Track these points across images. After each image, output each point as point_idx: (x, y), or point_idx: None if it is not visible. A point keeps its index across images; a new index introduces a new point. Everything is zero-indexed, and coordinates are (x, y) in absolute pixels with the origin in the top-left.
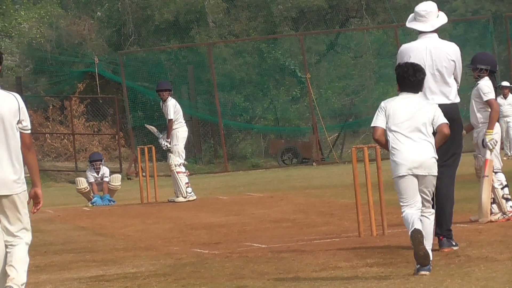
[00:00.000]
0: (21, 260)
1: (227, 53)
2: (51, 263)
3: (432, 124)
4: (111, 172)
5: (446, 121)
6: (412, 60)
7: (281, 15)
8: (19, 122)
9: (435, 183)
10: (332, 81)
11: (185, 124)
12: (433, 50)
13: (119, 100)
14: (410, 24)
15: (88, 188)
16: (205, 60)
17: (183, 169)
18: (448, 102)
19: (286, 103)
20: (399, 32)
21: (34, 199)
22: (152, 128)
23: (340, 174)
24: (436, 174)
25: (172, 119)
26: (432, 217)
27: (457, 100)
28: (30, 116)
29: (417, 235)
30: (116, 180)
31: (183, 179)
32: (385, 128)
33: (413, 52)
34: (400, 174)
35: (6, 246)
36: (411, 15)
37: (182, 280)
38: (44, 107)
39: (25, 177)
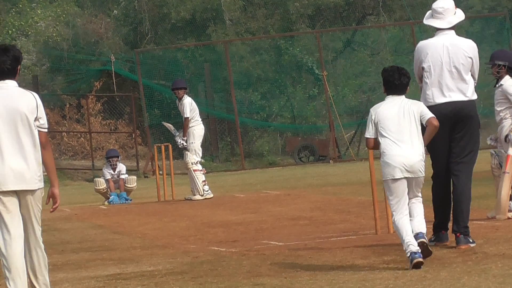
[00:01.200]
0: (43, 266)
1: (244, 50)
2: (68, 261)
3: (421, 120)
4: (128, 171)
5: (433, 115)
6: (429, 57)
7: (298, 13)
8: (36, 119)
9: (423, 181)
10: (349, 79)
11: (201, 122)
12: (450, 47)
13: (136, 98)
14: (427, 21)
15: (106, 189)
16: (221, 58)
17: (199, 167)
18: (465, 99)
19: (303, 101)
20: (415, 29)
21: (52, 199)
22: (169, 126)
23: (357, 171)
24: (423, 175)
25: (188, 117)
26: (421, 201)
27: (474, 97)
28: (46, 114)
29: (418, 266)
30: (132, 182)
31: (199, 177)
32: (375, 136)
33: (430, 49)
34: (393, 178)
35: (26, 243)
36: (428, 12)
37: (199, 278)
38: (61, 105)
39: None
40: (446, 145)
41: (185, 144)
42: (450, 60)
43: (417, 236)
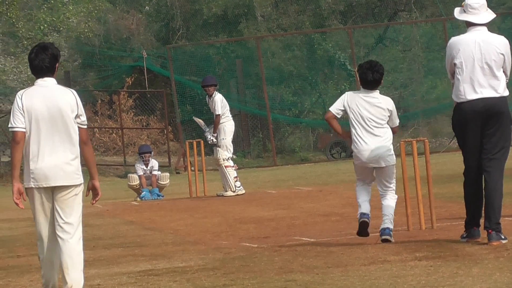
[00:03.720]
0: (76, 261)
1: (276, 46)
2: (99, 257)
3: (388, 120)
4: (160, 167)
5: (398, 123)
6: (461, 53)
7: (330, 9)
8: (77, 116)
9: (394, 171)
10: None
11: (231, 118)
12: (482, 43)
13: (168, 94)
14: (461, 16)
15: (140, 185)
16: (253, 54)
17: (231, 163)
18: (496, 95)
19: (334, 97)
20: (447, 25)
21: (92, 191)
22: (200, 121)
23: None
24: (394, 163)
25: (219, 114)
26: (395, 197)
27: (506, 93)
28: None
29: (364, 225)
30: (165, 179)
31: (231, 173)
32: (337, 116)
33: (462, 45)
34: (361, 165)
35: (58, 236)
36: (458, 8)
37: (231, 274)
38: (93, 101)
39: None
40: (477, 142)
41: (215, 140)
42: (482, 57)
43: (384, 231)
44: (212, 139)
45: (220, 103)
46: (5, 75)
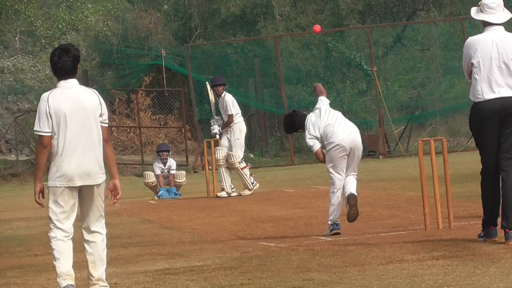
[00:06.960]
0: (101, 258)
1: (294, 46)
2: (117, 256)
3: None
4: (177, 165)
5: None
6: (478, 53)
7: (348, 8)
8: (100, 115)
9: (360, 155)
10: (399, 74)
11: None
12: (499, 43)
13: (186, 93)
14: (478, 16)
15: (156, 182)
16: (271, 53)
17: (244, 163)
18: None
19: (352, 96)
20: (466, 24)
21: (113, 191)
22: (212, 97)
23: (406, 167)
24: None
25: (232, 114)
26: (355, 178)
27: None
28: None
29: (353, 198)
30: (181, 177)
31: (246, 172)
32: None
33: (480, 45)
34: (334, 149)
35: (87, 235)
36: (475, 8)
37: (248, 273)
38: (111, 100)
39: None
40: (495, 141)
41: (217, 133)
42: (499, 56)
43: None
44: (216, 133)
45: (231, 103)
46: (23, 74)
